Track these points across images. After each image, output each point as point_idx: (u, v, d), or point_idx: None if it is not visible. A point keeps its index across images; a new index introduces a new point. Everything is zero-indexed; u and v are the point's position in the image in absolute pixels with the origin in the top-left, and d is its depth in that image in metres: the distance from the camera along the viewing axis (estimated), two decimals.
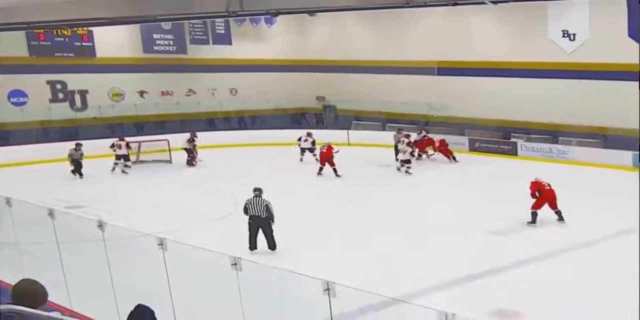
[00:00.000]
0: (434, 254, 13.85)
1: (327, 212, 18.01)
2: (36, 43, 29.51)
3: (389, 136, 28.61)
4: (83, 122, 30.44)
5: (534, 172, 23.85)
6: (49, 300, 4.68)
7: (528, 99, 27.99)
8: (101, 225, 9.22)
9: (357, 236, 15.36)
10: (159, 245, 8.28)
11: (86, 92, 31.47)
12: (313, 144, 26.45)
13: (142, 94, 33.21)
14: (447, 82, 31.25)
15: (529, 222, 16.42)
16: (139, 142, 26.94)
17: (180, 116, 33.05)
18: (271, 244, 13.95)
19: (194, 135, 26.64)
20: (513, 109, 28.53)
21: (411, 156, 24.38)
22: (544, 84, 27.92)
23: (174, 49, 33.95)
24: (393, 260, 13.38)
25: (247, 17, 27.58)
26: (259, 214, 13.76)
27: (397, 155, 25.61)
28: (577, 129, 27.11)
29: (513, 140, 28.97)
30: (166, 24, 32.09)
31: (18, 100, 29.42)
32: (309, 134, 27.26)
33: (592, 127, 26.68)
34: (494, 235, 15.57)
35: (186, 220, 16.59)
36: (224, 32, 35.02)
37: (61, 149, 23.21)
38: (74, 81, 31.00)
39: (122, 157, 24.89)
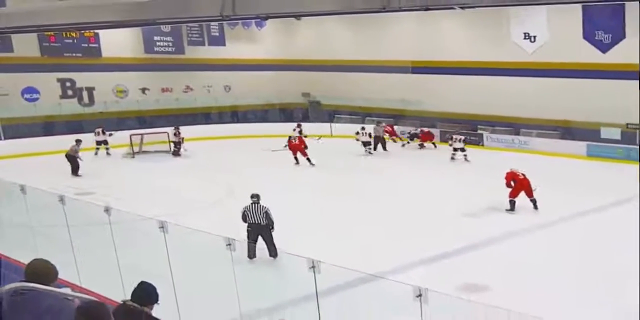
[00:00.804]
0: (410, 235, 13.80)
1: (308, 198, 17.76)
2: (47, 44, 29.27)
3: (369, 129, 28.73)
4: (90, 117, 30.27)
5: (498, 161, 24.15)
6: (61, 278, 4.66)
7: (493, 94, 28.07)
8: (107, 210, 9.19)
9: (338, 221, 15.12)
10: (160, 228, 8.26)
11: (93, 89, 31.26)
12: (301, 133, 26.53)
13: (144, 90, 33.03)
14: (421, 80, 31.25)
15: (508, 210, 16.22)
16: (142, 135, 26.78)
17: (178, 111, 32.89)
18: (272, 252, 11.98)
19: (177, 129, 26.58)
20: (480, 104, 28.62)
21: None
22: (507, 81, 28.05)
23: (173, 49, 33.74)
24: (372, 241, 13.23)
25: (240, 21, 27.43)
26: (258, 221, 11.96)
27: (377, 145, 26.44)
28: (537, 121, 27.30)
29: (479, 132, 29.08)
30: (165, 27, 31.85)
31: (31, 96, 29.19)
32: (298, 125, 27.77)
33: (550, 120, 26.84)
34: (465, 217, 15.62)
35: (183, 205, 16.44)
36: (218, 34, 34.88)
37: (70, 141, 23.12)
38: (82, 79, 30.78)
39: (102, 142, 26.33)
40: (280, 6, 6.78)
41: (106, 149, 26.31)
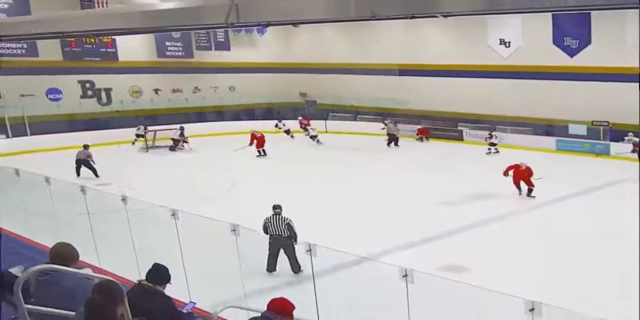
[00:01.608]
0: (396, 222, 13.71)
1: (300, 190, 17.09)
2: (69, 49, 29.10)
3: (361, 125, 29.12)
4: (108, 115, 30.29)
5: (477, 154, 24.30)
6: (82, 260, 4.66)
7: (472, 95, 28.13)
8: (124, 199, 9.18)
9: (329, 209, 14.79)
10: (171, 215, 8.26)
11: (110, 89, 31.16)
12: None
13: (156, 91, 32.93)
14: (407, 81, 31.26)
15: (519, 194, 16.60)
16: (155, 131, 26.81)
17: (188, 109, 32.83)
18: (295, 267, 10.13)
19: (182, 130, 26.70)
20: (460, 103, 28.73)
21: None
22: (484, 82, 28.10)
23: (183, 54, 33.61)
24: (360, 228, 13.00)
25: (243, 28, 27.36)
26: (280, 234, 10.13)
27: (391, 142, 27.02)
28: (512, 119, 27.36)
29: (460, 128, 29.12)
30: (176, 33, 31.71)
31: (54, 96, 29.08)
32: (280, 120, 29.88)
33: (523, 117, 26.91)
34: (445, 205, 15.59)
35: (192, 195, 16.27)
36: (224, 40, 34.72)
37: (90, 136, 23.11)
38: (101, 81, 30.68)
39: (140, 136, 27.21)
40: (280, 15, 6.77)
41: (144, 142, 26.83)
